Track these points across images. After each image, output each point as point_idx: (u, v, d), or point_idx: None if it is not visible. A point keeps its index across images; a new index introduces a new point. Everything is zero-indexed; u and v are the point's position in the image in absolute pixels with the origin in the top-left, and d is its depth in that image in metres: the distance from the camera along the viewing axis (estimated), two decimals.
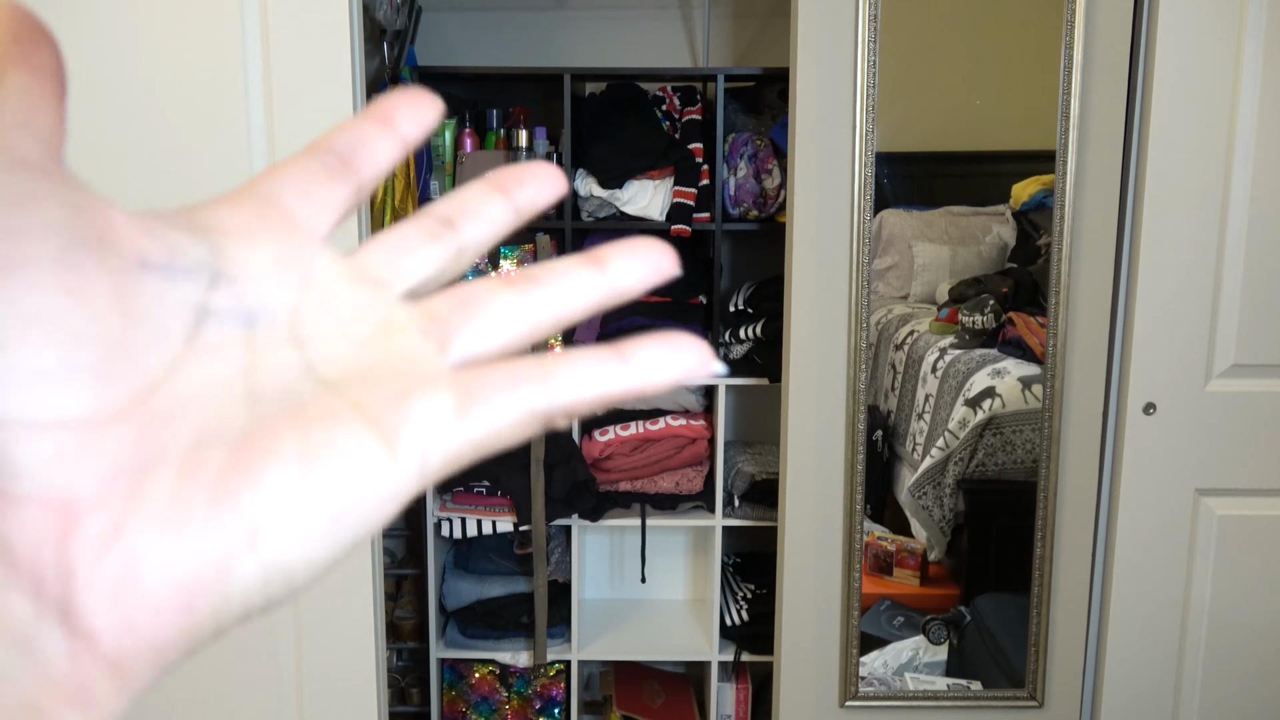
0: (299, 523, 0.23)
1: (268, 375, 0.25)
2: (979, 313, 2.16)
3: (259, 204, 0.28)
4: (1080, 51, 2.01)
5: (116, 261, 0.23)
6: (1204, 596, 2.17)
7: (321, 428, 0.24)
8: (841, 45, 2.05)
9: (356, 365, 0.26)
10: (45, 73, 0.24)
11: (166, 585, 0.21)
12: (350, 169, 0.29)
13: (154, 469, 0.22)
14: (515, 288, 0.28)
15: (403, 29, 2.53)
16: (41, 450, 0.21)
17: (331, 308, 0.27)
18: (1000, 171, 2.16)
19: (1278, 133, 1.99)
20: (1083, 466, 2.16)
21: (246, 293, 0.26)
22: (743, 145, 2.60)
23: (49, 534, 0.21)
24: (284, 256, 0.27)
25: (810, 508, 2.21)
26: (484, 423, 0.25)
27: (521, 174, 0.31)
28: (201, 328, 0.25)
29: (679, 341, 0.27)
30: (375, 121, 0.30)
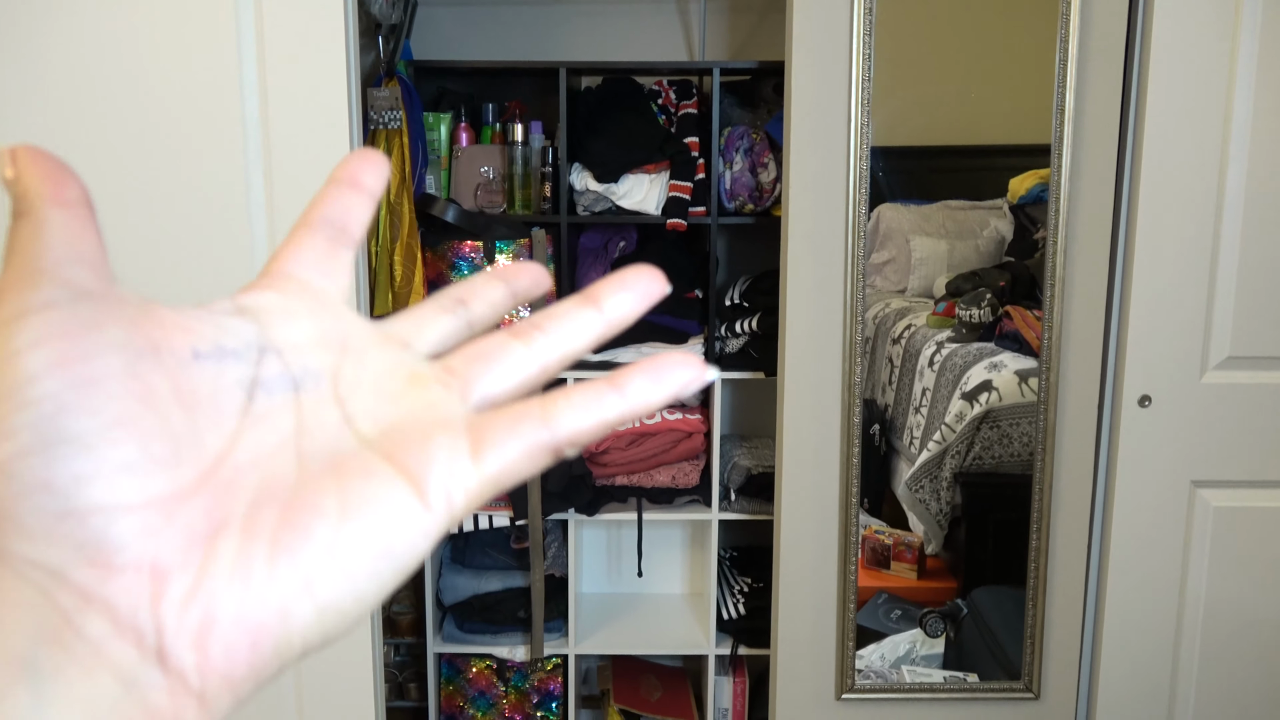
0: (345, 569, 0.27)
1: (314, 433, 0.29)
2: (976, 306, 2.16)
3: (285, 284, 0.33)
4: (1075, 45, 2.01)
5: (172, 360, 0.27)
6: (1200, 588, 2.17)
7: (359, 483, 0.28)
8: (837, 39, 2.04)
9: (389, 416, 0.30)
10: (78, 204, 0.27)
11: (237, 630, 0.26)
12: (346, 234, 0.34)
13: (221, 533, 0.26)
14: (523, 339, 0.32)
15: (398, 23, 2.52)
16: (132, 528, 0.25)
17: (366, 366, 0.31)
18: (998, 165, 2.16)
19: (1273, 125, 2.00)
20: (1078, 459, 2.17)
21: (292, 361, 0.30)
22: (738, 139, 2.59)
23: (144, 595, 0.25)
24: (321, 326, 0.32)
25: (807, 501, 2.21)
26: (496, 463, 0.29)
27: (519, 269, 0.38)
28: (253, 400, 0.29)
29: (669, 363, 0.30)
30: (350, 188, 0.35)
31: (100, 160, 1.88)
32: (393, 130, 2.39)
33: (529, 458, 0.29)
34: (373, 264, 2.37)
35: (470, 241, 2.60)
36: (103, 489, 0.25)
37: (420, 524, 0.28)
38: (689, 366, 0.30)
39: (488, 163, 2.64)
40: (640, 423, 2.62)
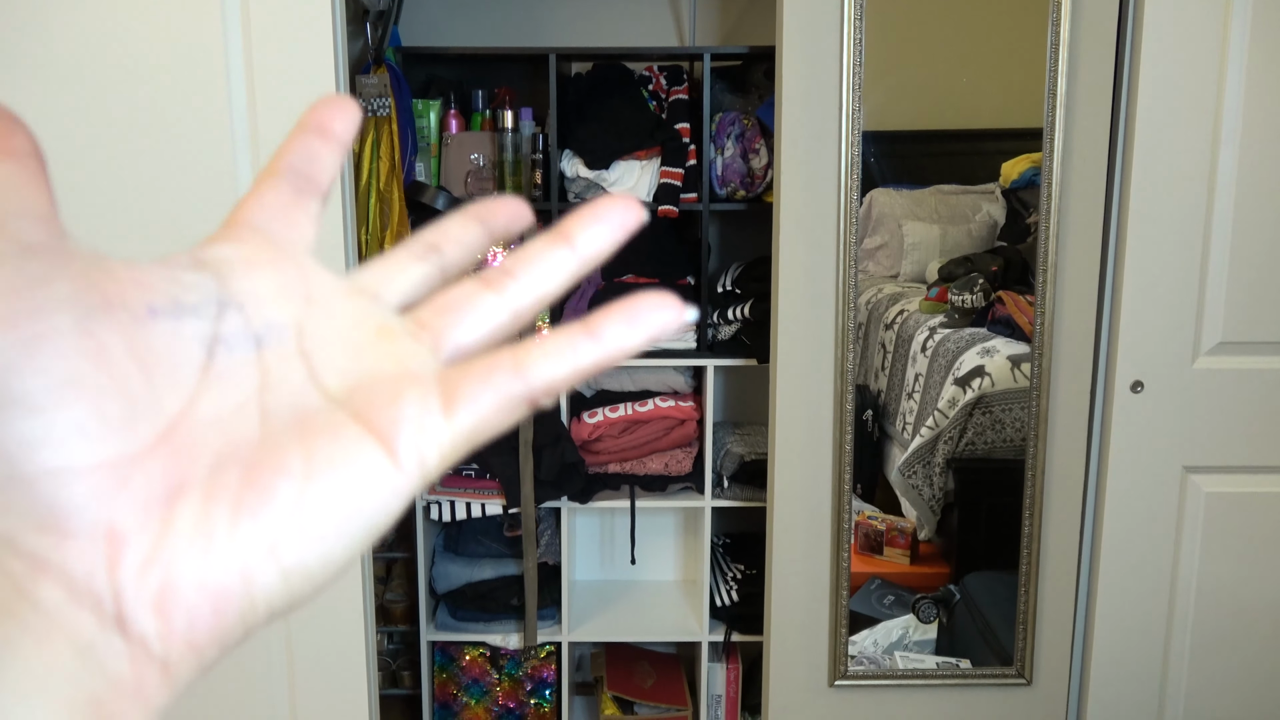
0: (311, 530, 0.26)
1: (278, 391, 0.28)
2: (968, 291, 2.16)
3: (249, 235, 0.31)
4: (1067, 29, 2.00)
5: (127, 316, 0.26)
6: (1191, 573, 2.18)
7: (325, 441, 0.27)
8: (827, 24, 2.03)
9: (356, 372, 0.29)
10: (26, 156, 0.26)
11: (198, 595, 0.25)
12: (313, 183, 0.33)
13: (181, 496, 0.26)
14: (494, 287, 0.31)
15: (386, 9, 2.51)
16: (85, 492, 0.24)
17: (333, 319, 0.30)
18: (990, 149, 2.15)
19: (1264, 110, 1.99)
20: (1071, 445, 2.17)
21: (253, 316, 0.29)
22: (730, 125, 2.58)
23: (100, 561, 0.24)
24: (284, 278, 0.30)
25: (799, 488, 2.21)
26: (469, 417, 0.28)
27: (496, 206, 0.35)
28: (214, 358, 0.28)
29: (645, 305, 0.29)
30: (317, 135, 0.33)
31: (84, 147, 1.87)
32: (382, 118, 2.38)
33: (503, 410, 0.28)
34: (363, 252, 2.36)
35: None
36: (53, 452, 0.24)
37: (391, 483, 0.27)
38: (665, 307, 0.29)
39: (478, 150, 2.63)
40: (633, 410, 2.62)
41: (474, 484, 2.61)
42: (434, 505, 2.61)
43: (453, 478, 2.61)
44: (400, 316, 0.31)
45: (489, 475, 2.59)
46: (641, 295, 0.29)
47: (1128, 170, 2.03)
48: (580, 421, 2.63)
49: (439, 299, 0.31)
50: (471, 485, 2.61)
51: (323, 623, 2.00)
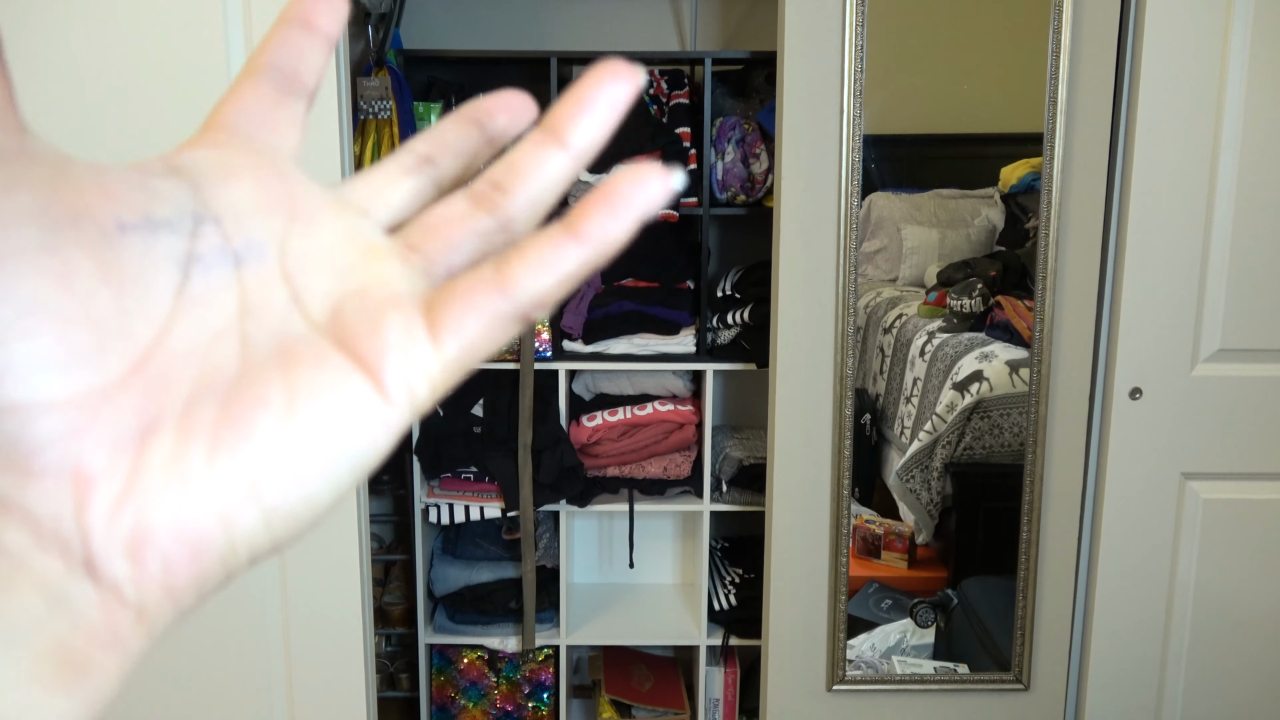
0: (294, 469, 0.24)
1: (258, 316, 0.26)
2: (967, 296, 2.16)
3: (227, 138, 0.28)
4: (1068, 36, 2.00)
5: (95, 232, 0.24)
6: (1189, 580, 2.18)
7: (308, 373, 0.25)
8: (829, 29, 2.04)
9: (341, 295, 0.27)
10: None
11: (174, 538, 0.23)
12: (297, 81, 0.30)
13: (154, 432, 0.24)
14: (485, 206, 0.29)
15: (388, 12, 2.51)
16: (51, 429, 0.22)
17: (317, 236, 0.28)
18: (989, 154, 2.16)
19: (1264, 117, 2.00)
20: (1069, 451, 2.17)
21: (232, 232, 0.26)
22: (730, 129, 2.59)
23: (67, 502, 0.23)
24: (266, 188, 0.28)
25: (798, 492, 2.21)
26: (456, 344, 0.26)
27: (494, 104, 0.31)
28: (189, 279, 0.25)
29: (624, 185, 0.26)
30: (301, 28, 0.30)
31: (83, 145, 1.87)
32: (383, 120, 2.38)
33: (492, 332, 0.26)
34: None
35: None
36: (15, 386, 0.22)
37: (380, 417, 0.25)
38: (646, 180, 0.26)
39: None
40: (632, 414, 2.62)
41: (473, 487, 2.61)
42: (433, 508, 2.61)
43: (451, 481, 2.61)
44: (389, 236, 0.29)
45: (488, 478, 2.59)
46: (618, 175, 0.26)
47: (1127, 177, 2.04)
48: (579, 425, 2.63)
49: (428, 219, 0.29)
50: (470, 488, 2.61)
51: (321, 624, 2.00)
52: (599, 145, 0.28)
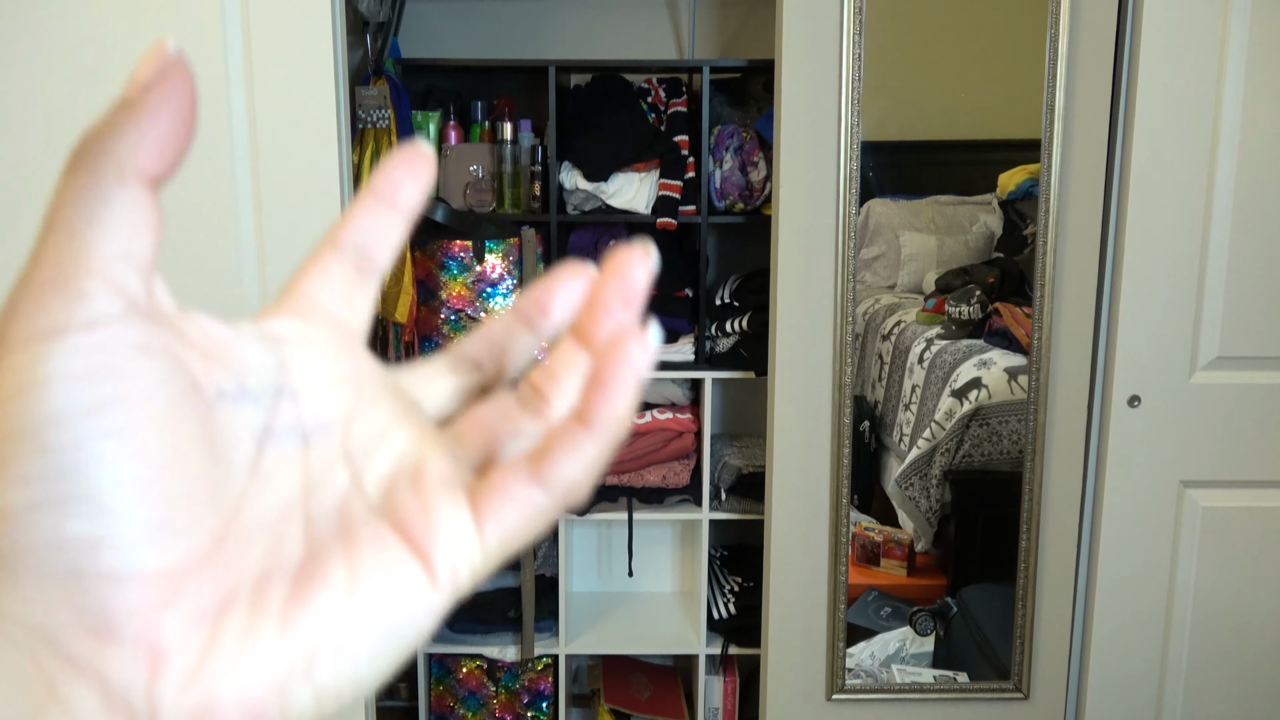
0: (349, 647, 0.25)
1: (320, 494, 0.27)
2: (965, 303, 2.16)
3: (310, 311, 0.29)
4: (1065, 44, 2.01)
5: (202, 402, 0.24)
6: (1188, 588, 2.17)
7: (368, 551, 0.26)
8: (826, 37, 2.04)
9: (395, 478, 0.28)
10: (159, 177, 0.23)
11: (237, 713, 0.23)
12: (373, 263, 0.30)
13: (229, 607, 0.24)
14: (531, 411, 0.30)
15: (386, 20, 2.51)
16: (139, 600, 0.22)
17: (376, 419, 0.29)
18: (987, 160, 2.16)
19: (1262, 125, 2.00)
20: (1068, 458, 2.17)
21: (304, 408, 0.27)
22: (728, 137, 2.59)
23: (141, 672, 0.23)
24: (339, 365, 0.29)
25: (797, 500, 2.20)
26: (497, 532, 0.27)
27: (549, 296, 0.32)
28: (263, 452, 0.26)
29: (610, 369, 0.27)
30: (386, 206, 0.30)
31: None
32: (381, 129, 2.38)
33: (529, 521, 0.27)
34: None
35: (460, 241, 2.59)
36: (117, 555, 0.22)
37: (427, 600, 0.26)
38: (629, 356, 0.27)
39: (477, 161, 2.63)
40: (631, 422, 2.61)
41: None
42: None
43: None
44: (439, 428, 0.30)
45: None
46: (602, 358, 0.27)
47: (1125, 184, 2.04)
48: None
49: (477, 416, 0.30)
50: None
51: None
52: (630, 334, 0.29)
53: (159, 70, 0.23)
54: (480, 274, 2.57)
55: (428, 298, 2.59)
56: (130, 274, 0.23)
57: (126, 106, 0.23)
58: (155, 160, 0.23)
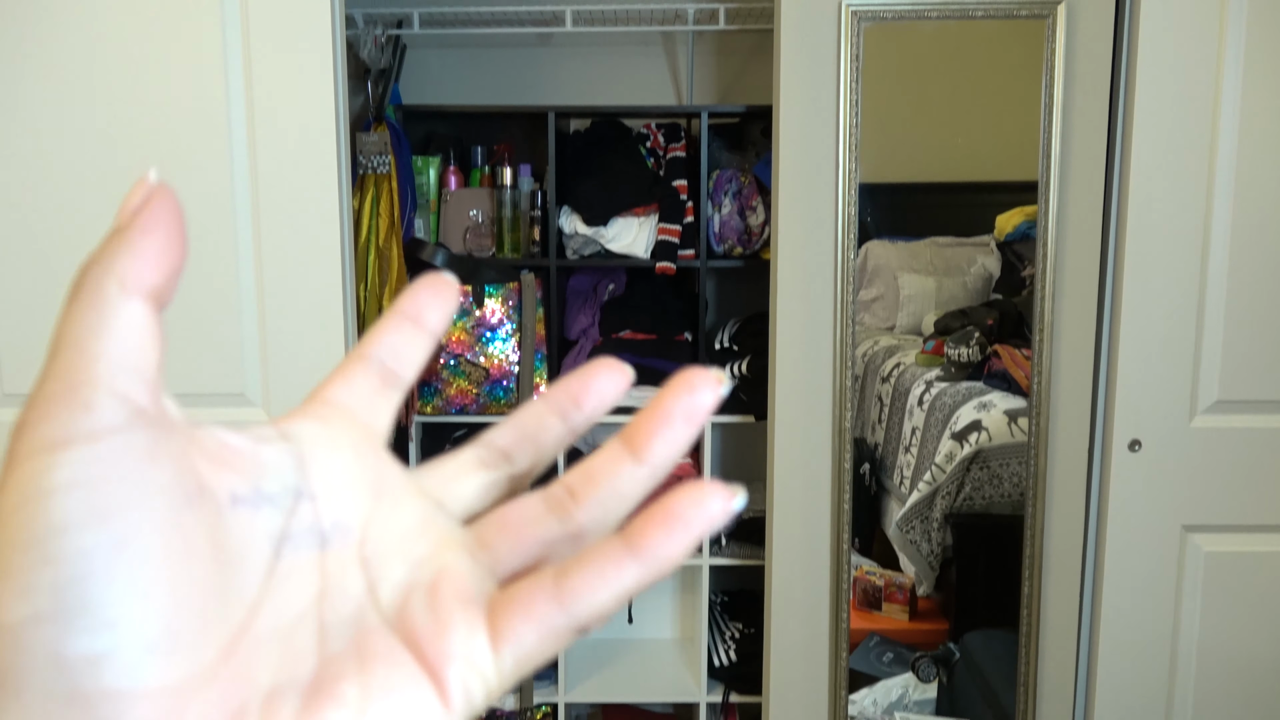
0: None
1: (335, 602, 0.26)
2: (965, 345, 2.16)
3: (333, 414, 0.29)
4: (1060, 90, 2.02)
5: (214, 506, 0.24)
6: (1193, 633, 2.15)
7: (380, 670, 0.25)
8: (824, 83, 2.06)
9: (412, 585, 0.27)
10: (160, 294, 0.24)
11: None
12: (398, 377, 0.31)
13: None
14: (558, 513, 0.29)
15: (387, 67, 2.54)
16: (144, 718, 0.22)
17: (395, 522, 0.28)
18: (984, 202, 2.16)
19: (1257, 170, 2.01)
20: (1069, 503, 2.15)
21: (323, 511, 0.27)
22: (727, 182, 2.60)
23: None
24: (359, 467, 0.28)
25: (797, 546, 2.19)
26: (514, 654, 0.26)
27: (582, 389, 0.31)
28: (280, 557, 0.26)
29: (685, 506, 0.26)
30: (412, 324, 0.31)
31: (85, 206, 1.88)
32: (381, 174, 2.40)
33: (548, 643, 0.26)
34: (361, 309, 2.36)
35: (459, 285, 2.59)
36: (119, 672, 0.21)
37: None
38: (708, 501, 0.26)
39: (476, 206, 2.64)
40: None
41: None
42: None
43: None
44: (461, 528, 0.30)
45: None
46: (681, 493, 0.26)
47: (1122, 228, 2.04)
48: None
49: (503, 517, 0.29)
50: None
51: None
52: (679, 458, 0.29)
53: (145, 197, 0.24)
54: (480, 318, 2.57)
55: None
56: (135, 384, 0.23)
57: (120, 231, 0.23)
58: (153, 275, 0.23)
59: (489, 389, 2.55)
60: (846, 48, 2.02)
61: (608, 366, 0.31)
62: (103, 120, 1.86)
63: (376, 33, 2.51)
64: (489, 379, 2.55)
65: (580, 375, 0.31)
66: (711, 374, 0.28)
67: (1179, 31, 1.98)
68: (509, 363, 2.56)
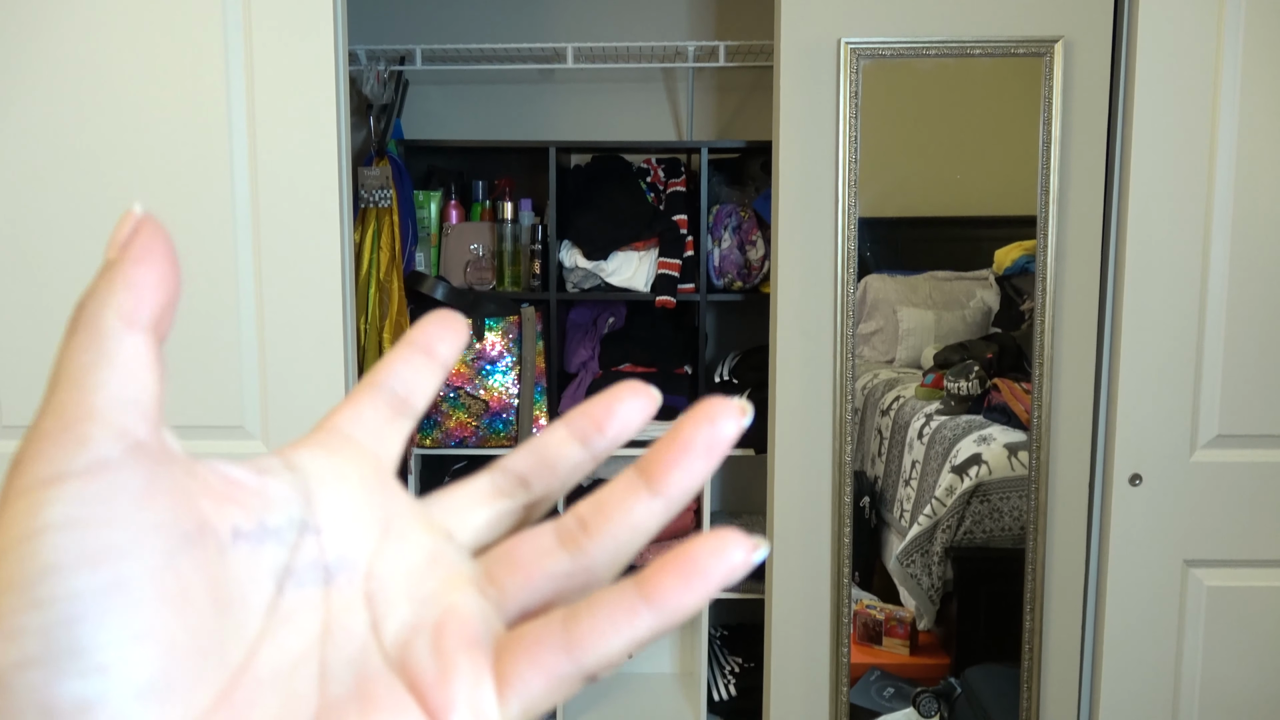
0: None
1: (339, 641, 0.25)
2: (964, 379, 2.16)
3: (341, 444, 0.28)
4: (1058, 127, 2.04)
5: (213, 543, 0.23)
6: (1195, 669, 2.14)
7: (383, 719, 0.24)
8: (823, 118, 2.07)
9: (416, 624, 0.26)
10: (156, 326, 0.23)
11: None
12: (409, 405, 0.30)
13: None
14: (569, 547, 0.27)
15: (389, 102, 2.55)
16: None
17: (403, 556, 0.27)
18: (983, 236, 2.17)
19: (1254, 204, 2.02)
20: (1070, 537, 2.15)
21: (328, 545, 0.26)
22: (727, 216, 2.62)
23: None
24: (367, 498, 0.28)
25: (798, 579, 2.18)
26: (520, 701, 0.25)
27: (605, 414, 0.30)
28: (283, 593, 0.25)
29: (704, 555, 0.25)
30: (421, 354, 0.31)
31: (86, 239, 1.89)
32: (383, 208, 2.41)
33: (555, 690, 0.25)
34: (362, 342, 2.37)
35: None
36: (109, 719, 0.20)
37: None
38: (728, 551, 0.25)
39: (477, 240, 2.66)
40: None
41: None
42: None
43: None
44: (470, 561, 0.28)
45: None
46: (700, 542, 0.25)
47: (1121, 263, 2.05)
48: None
49: (513, 553, 0.28)
50: None
51: None
52: (696, 491, 0.28)
53: (133, 229, 0.23)
54: (480, 352, 2.58)
55: None
56: (134, 418, 0.22)
57: (112, 265, 0.23)
58: (150, 306, 0.23)
59: (488, 422, 2.55)
60: (845, 85, 2.04)
61: (632, 390, 0.30)
62: (104, 151, 1.87)
63: (379, 68, 2.53)
64: (489, 412, 2.55)
65: (604, 399, 0.30)
66: (734, 403, 0.27)
67: (1176, 68, 2.00)
68: (509, 395, 2.56)
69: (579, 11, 2.88)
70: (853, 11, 2.06)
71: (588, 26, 2.87)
